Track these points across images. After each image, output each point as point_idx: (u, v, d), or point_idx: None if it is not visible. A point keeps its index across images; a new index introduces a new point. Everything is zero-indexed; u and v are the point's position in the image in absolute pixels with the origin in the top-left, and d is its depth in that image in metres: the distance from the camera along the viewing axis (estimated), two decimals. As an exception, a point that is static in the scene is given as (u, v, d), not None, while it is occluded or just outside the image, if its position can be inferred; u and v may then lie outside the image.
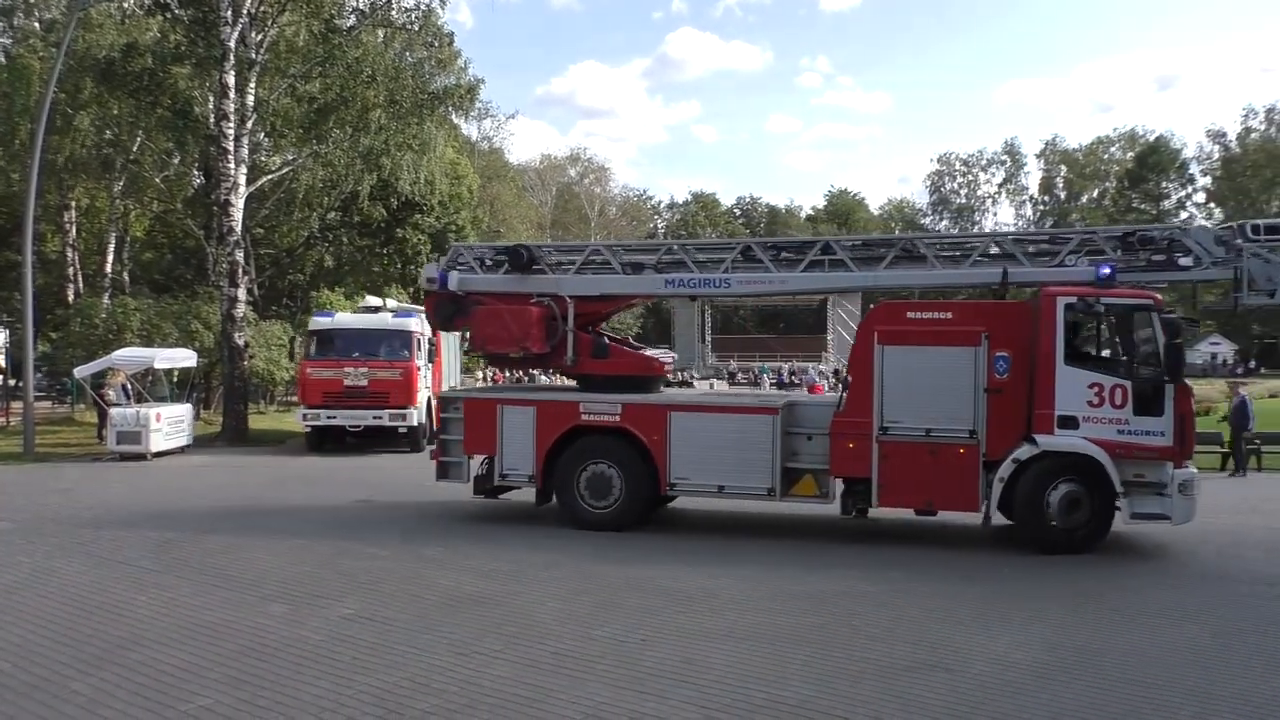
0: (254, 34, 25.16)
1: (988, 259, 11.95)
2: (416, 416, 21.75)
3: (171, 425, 20.63)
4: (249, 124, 25.40)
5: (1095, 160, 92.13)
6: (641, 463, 11.87)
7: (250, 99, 25.36)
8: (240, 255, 25.30)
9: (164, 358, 22.31)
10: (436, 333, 22.80)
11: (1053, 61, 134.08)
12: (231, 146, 24.47)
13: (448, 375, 25.91)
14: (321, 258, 40.69)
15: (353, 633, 7.40)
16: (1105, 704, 6.05)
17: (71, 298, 34.35)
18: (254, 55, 25.09)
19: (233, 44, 24.03)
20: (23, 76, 29.90)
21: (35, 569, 9.68)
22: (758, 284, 12.63)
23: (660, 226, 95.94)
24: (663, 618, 7.95)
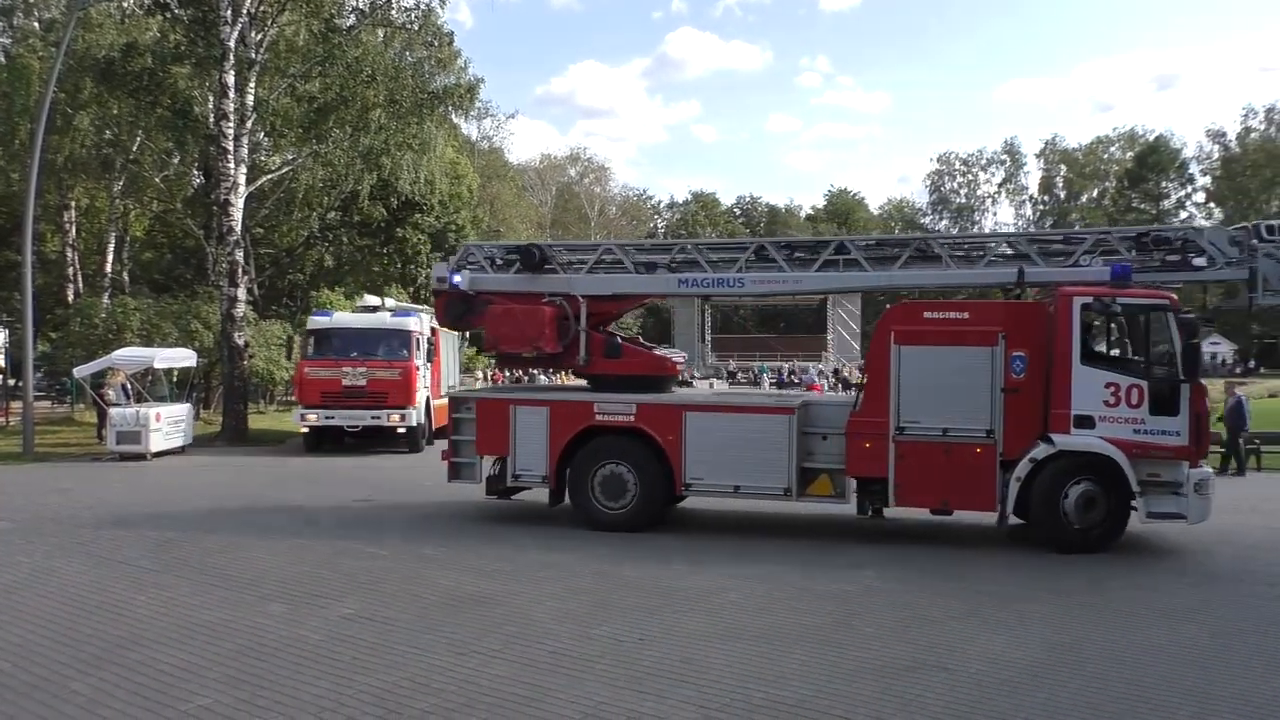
0: (254, 33, 25.15)
1: (1002, 259, 11.96)
2: (415, 416, 21.67)
3: (171, 425, 20.63)
4: (249, 124, 25.38)
5: (1095, 160, 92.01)
6: (656, 463, 11.83)
7: (250, 99, 25.34)
8: (240, 255, 25.29)
9: (164, 358, 22.31)
10: (435, 332, 22.83)
11: (1053, 61, 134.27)
12: (231, 146, 24.46)
13: (447, 375, 25.88)
14: (321, 257, 40.68)
15: (352, 632, 7.41)
16: (1103, 704, 6.05)
17: (71, 297, 34.32)
18: (254, 55, 25.08)
19: (232, 44, 24.02)
20: (22, 76, 29.88)
21: (35, 569, 9.68)
22: (772, 284, 12.60)
23: (660, 226, 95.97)
24: (662, 617, 7.95)
